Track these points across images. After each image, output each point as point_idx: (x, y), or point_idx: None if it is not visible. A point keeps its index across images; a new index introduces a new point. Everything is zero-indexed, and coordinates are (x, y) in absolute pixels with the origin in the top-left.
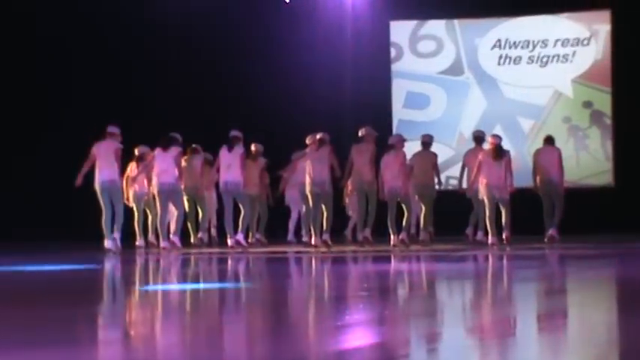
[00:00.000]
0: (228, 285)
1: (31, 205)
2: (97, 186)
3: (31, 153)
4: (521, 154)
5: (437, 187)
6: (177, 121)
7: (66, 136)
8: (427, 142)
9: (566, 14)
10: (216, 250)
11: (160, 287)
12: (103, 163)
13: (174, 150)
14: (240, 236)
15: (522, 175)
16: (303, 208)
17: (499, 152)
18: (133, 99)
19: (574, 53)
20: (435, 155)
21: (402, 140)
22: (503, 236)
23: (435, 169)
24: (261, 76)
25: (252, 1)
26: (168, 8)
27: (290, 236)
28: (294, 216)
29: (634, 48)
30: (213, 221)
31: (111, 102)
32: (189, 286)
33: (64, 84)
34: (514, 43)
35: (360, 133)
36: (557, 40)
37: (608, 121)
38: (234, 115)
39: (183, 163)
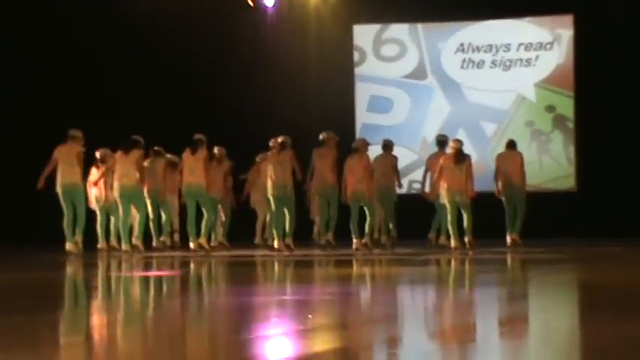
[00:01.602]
0: (189, 288)
1: None
2: (58, 189)
3: None
4: (484, 158)
5: (397, 189)
6: (140, 123)
7: (27, 138)
8: (388, 144)
9: (528, 18)
10: (179, 253)
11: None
12: (65, 166)
13: (136, 153)
14: (202, 240)
15: (485, 180)
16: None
17: (459, 157)
18: (95, 101)
19: (537, 57)
20: (395, 158)
21: (365, 144)
22: (466, 240)
23: (396, 172)
24: (225, 79)
25: (215, 4)
26: (133, 10)
27: (257, 239)
28: (261, 218)
29: (596, 52)
30: (176, 224)
31: (73, 104)
32: (149, 290)
33: (25, 85)
34: (477, 47)
35: (320, 137)
36: (520, 45)
37: (571, 125)
38: (197, 118)
39: (146, 165)
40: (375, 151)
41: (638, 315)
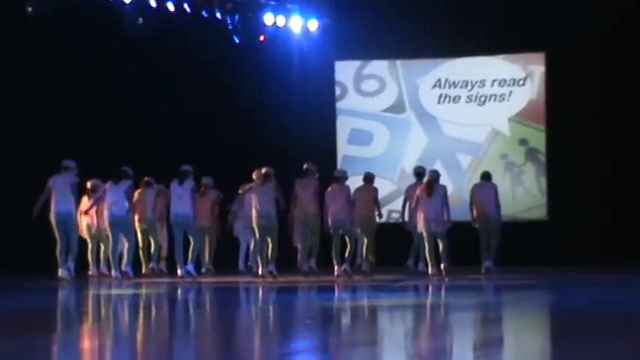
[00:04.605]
0: (177, 314)
1: None
2: (52, 217)
3: None
4: (460, 189)
5: (377, 219)
6: (129, 155)
7: (23, 167)
8: (369, 177)
9: (502, 56)
10: (168, 280)
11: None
12: (59, 195)
13: (126, 183)
14: (190, 267)
15: (461, 209)
16: (251, 240)
17: (431, 188)
18: (87, 133)
19: (510, 93)
20: (376, 190)
21: (346, 175)
22: (442, 267)
23: (376, 203)
24: (210, 112)
25: (201, 39)
26: (123, 44)
27: (241, 266)
28: (243, 246)
29: (567, 88)
30: (164, 252)
31: (65, 135)
32: (139, 314)
33: (19, 114)
34: (453, 82)
35: (304, 167)
36: (494, 81)
37: (543, 158)
38: (184, 150)
39: (137, 196)
40: (355, 182)
41: (606, 339)
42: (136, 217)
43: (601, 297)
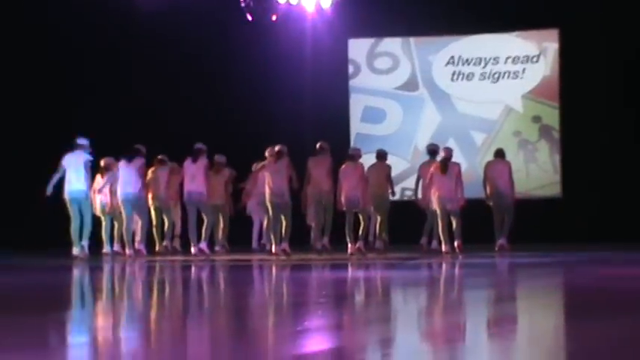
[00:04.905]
0: (191, 291)
1: (3, 213)
2: (66, 196)
3: (1, 162)
4: (474, 166)
5: (390, 197)
6: (142, 133)
7: (37, 146)
8: (381, 154)
9: (516, 33)
10: (181, 257)
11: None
12: (73, 173)
13: (138, 161)
14: (203, 245)
15: (475, 187)
16: (265, 218)
17: (445, 165)
18: (101, 112)
19: (524, 70)
20: (389, 167)
21: (360, 153)
22: (456, 245)
23: (389, 181)
24: (225, 90)
25: (215, 17)
26: (136, 22)
27: (254, 244)
28: (257, 224)
29: (581, 65)
30: (177, 230)
31: (78, 113)
32: (153, 292)
33: (32, 94)
34: (467, 60)
35: (317, 146)
36: (507, 58)
37: (557, 135)
38: (198, 128)
39: (150, 175)
40: (368, 160)
41: (620, 317)
42: (150, 195)
43: (615, 275)
